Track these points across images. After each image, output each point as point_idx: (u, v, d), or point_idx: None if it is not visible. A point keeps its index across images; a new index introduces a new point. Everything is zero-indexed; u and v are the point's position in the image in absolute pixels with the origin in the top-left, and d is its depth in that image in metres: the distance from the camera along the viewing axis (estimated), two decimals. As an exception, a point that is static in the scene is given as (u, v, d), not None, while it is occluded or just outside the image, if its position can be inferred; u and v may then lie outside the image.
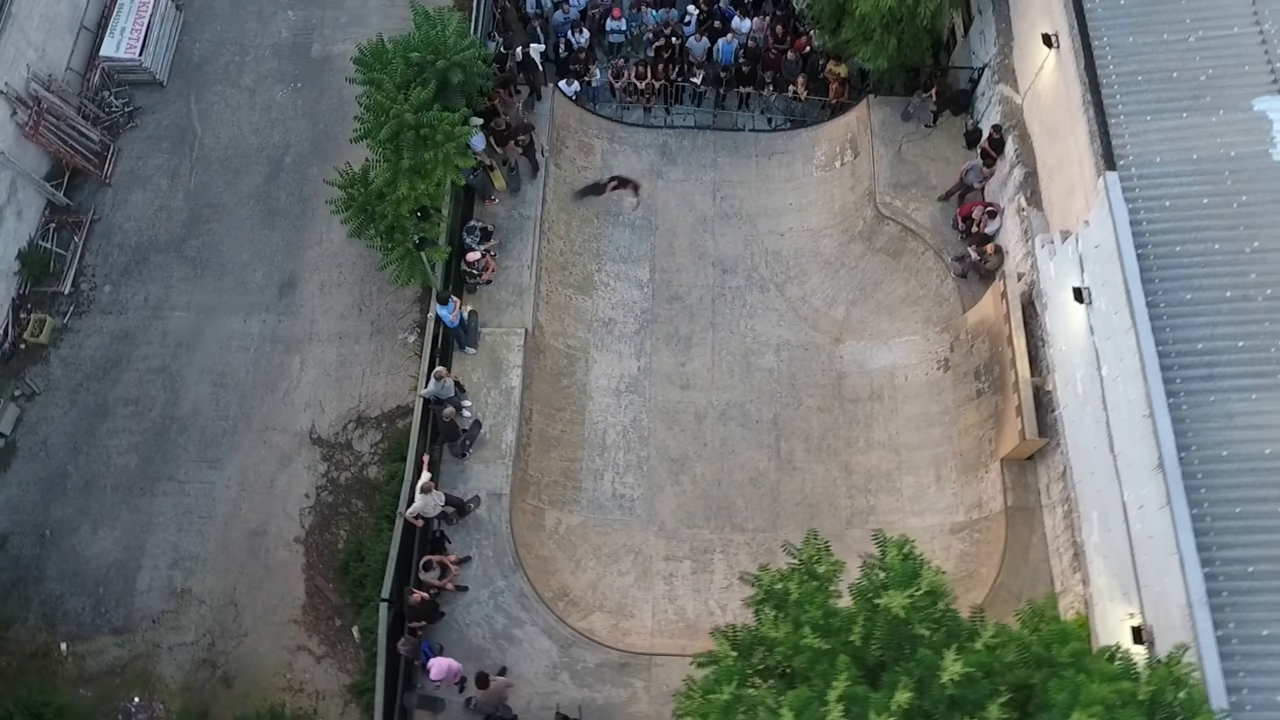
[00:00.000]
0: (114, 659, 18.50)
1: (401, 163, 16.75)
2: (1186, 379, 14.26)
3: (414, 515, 16.34)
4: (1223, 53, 15.99)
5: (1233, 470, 13.75)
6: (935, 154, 20.68)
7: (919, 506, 18.83)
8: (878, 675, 11.40)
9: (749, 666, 12.16)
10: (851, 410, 19.87)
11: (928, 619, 11.56)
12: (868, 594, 11.56)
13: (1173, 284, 14.76)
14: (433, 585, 16.56)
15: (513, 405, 18.32)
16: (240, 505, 19.45)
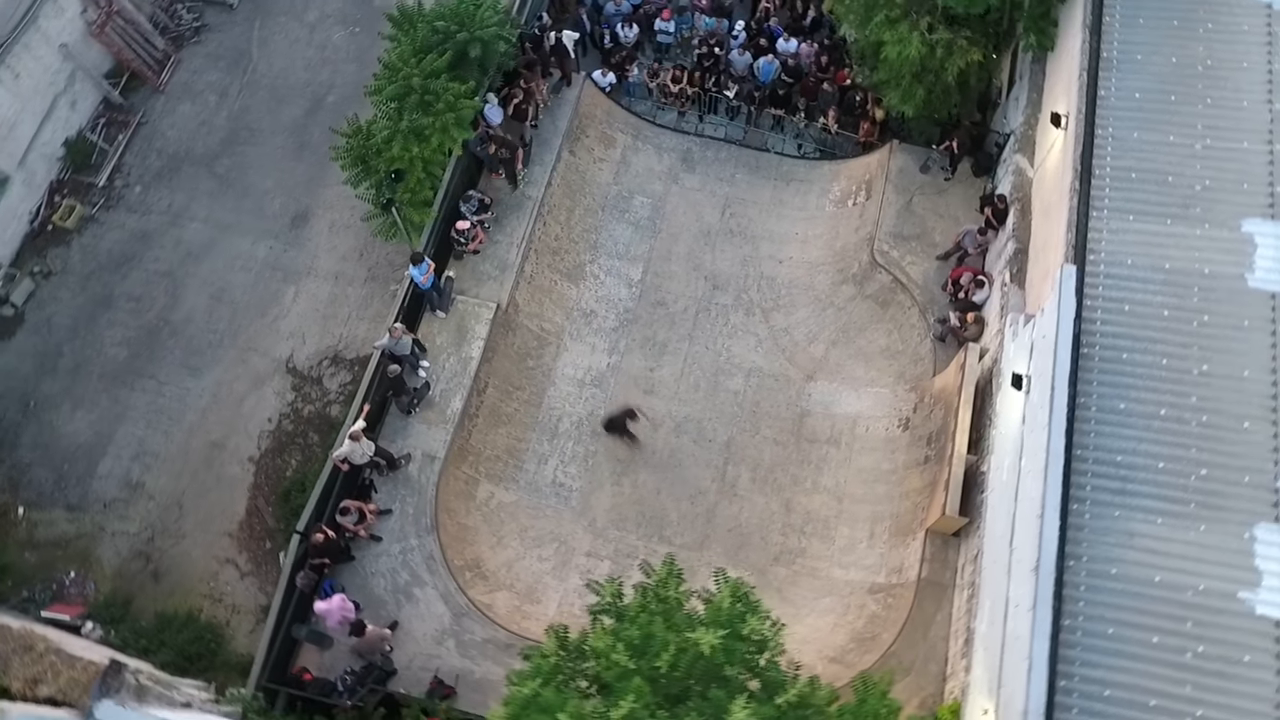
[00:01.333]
0: (62, 533, 20.19)
1: (401, 123, 17.73)
2: (1097, 488, 14.29)
3: (340, 459, 17.40)
4: (1225, 166, 15.77)
5: (1117, 590, 13.76)
6: (946, 212, 20.73)
7: (846, 559, 19.09)
8: (679, 704, 11.97)
9: (576, 670, 12.83)
10: (807, 450, 20.19)
11: (742, 663, 12.07)
12: (684, 627, 12.09)
13: (1110, 390, 14.74)
14: (347, 529, 17.63)
15: (467, 375, 19.24)
16: (208, 416, 20.91)
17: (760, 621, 12.36)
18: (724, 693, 11.48)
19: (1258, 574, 13.54)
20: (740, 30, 22.47)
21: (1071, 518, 14.19)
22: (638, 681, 11.56)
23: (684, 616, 12.41)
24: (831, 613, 18.71)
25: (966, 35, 19.18)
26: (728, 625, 12.01)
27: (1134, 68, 16.88)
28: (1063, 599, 13.75)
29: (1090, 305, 15.27)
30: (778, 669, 12.55)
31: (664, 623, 12.45)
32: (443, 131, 17.83)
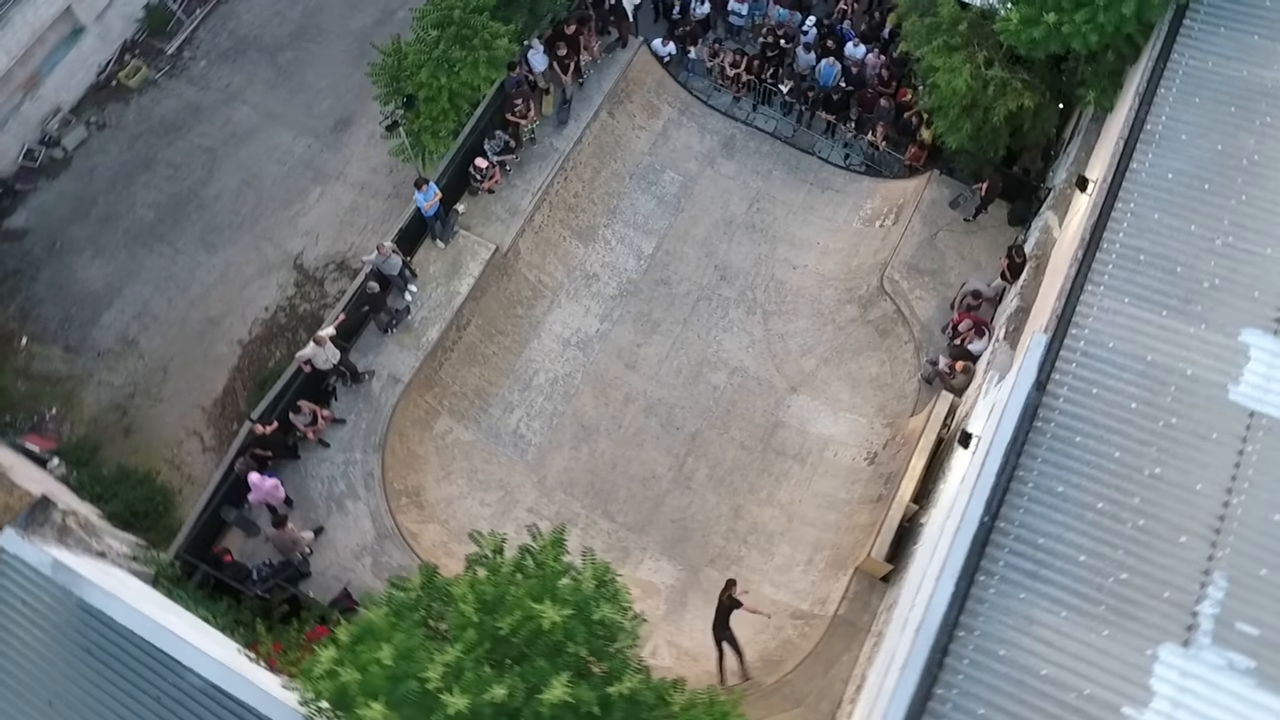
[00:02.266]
0: (55, 370, 21.24)
1: (435, 51, 17.92)
2: (1011, 565, 13.81)
3: (304, 359, 17.89)
4: (1241, 269, 14.90)
5: (1000, 672, 13.33)
6: (969, 254, 20.08)
7: (779, 578, 18.90)
8: (510, 668, 12.06)
9: (432, 612, 13.00)
10: (771, 461, 19.96)
11: (587, 644, 12.04)
12: (538, 596, 12.12)
13: (1053, 470, 14.19)
14: (298, 428, 18.15)
15: (450, 308, 19.50)
16: (211, 292, 21.66)
17: (615, 610, 12.32)
18: (550, 666, 11.50)
19: (1149, 694, 12.96)
20: (810, 27, 21.98)
21: (975, 588, 13.75)
22: (471, 634, 11.68)
23: (541, 586, 12.44)
24: (750, 628, 18.53)
25: (1024, 78, 18.44)
26: (579, 607, 12.00)
27: (1175, 146, 16.00)
28: (942, 666, 13.44)
29: (1058, 380, 14.68)
30: (624, 660, 12.53)
31: (528, 588, 12.51)
32: (473, 67, 17.97)
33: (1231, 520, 13.60)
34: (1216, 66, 16.56)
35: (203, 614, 16.39)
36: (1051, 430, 14.43)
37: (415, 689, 11.29)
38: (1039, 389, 14.65)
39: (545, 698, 11.13)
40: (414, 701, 11.33)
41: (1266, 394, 14.14)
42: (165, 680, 13.73)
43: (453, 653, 11.38)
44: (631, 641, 12.63)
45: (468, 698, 11.00)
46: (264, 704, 13.42)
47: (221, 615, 16.90)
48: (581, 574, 12.54)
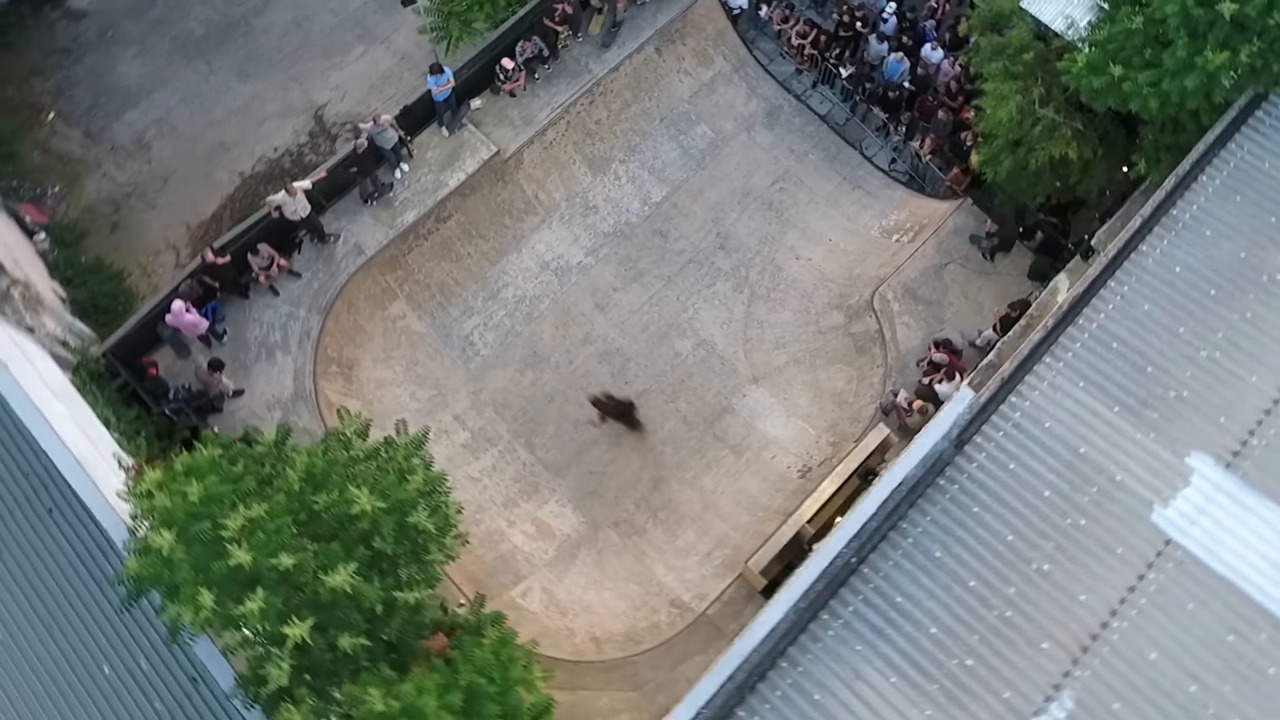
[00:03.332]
0: (70, 151, 21.66)
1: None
2: (859, 614, 13.05)
3: (273, 205, 17.77)
4: (1217, 389, 13.51)
5: (808, 716, 12.65)
6: (974, 296, 18.80)
7: (674, 562, 18.31)
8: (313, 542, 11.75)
9: (270, 471, 12.77)
10: (708, 444, 19.21)
11: (395, 542, 11.62)
12: (359, 482, 11.73)
13: (938, 532, 13.25)
14: (253, 268, 18.13)
15: (433, 197, 19.13)
16: (231, 119, 21.72)
17: (435, 521, 11.91)
18: (343, 551, 11.18)
19: (945, 791, 12.13)
20: (891, 15, 20.57)
21: (815, 624, 13.08)
22: (281, 499, 11.45)
23: (372, 476, 12.07)
24: (628, 601, 18.09)
25: (1077, 127, 16.94)
26: (396, 505, 11.62)
27: (1195, 240, 14.54)
28: (753, 690, 12.81)
29: (978, 443, 13.65)
30: (432, 572, 12.18)
31: (357, 474, 12.19)
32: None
33: (1104, 643, 12.54)
34: (1274, 170, 14.94)
35: (105, 414, 16.56)
36: (953, 492, 13.45)
37: (208, 531, 11.16)
38: (956, 446, 13.66)
39: (328, 580, 10.87)
40: (204, 543, 11.21)
41: (1192, 526, 12.89)
42: (21, 455, 13.98)
43: (257, 510, 11.16)
44: (443, 557, 12.28)
45: (253, 555, 10.78)
46: (99, 507, 13.56)
47: (124, 422, 17.11)
48: (412, 475, 12.12)
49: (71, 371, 17.03)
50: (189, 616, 10.94)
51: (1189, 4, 14.48)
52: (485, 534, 18.53)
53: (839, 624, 13.07)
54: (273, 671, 10.79)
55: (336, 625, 10.98)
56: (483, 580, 17.87)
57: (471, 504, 18.73)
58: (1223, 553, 12.67)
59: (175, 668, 13.40)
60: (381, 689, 10.71)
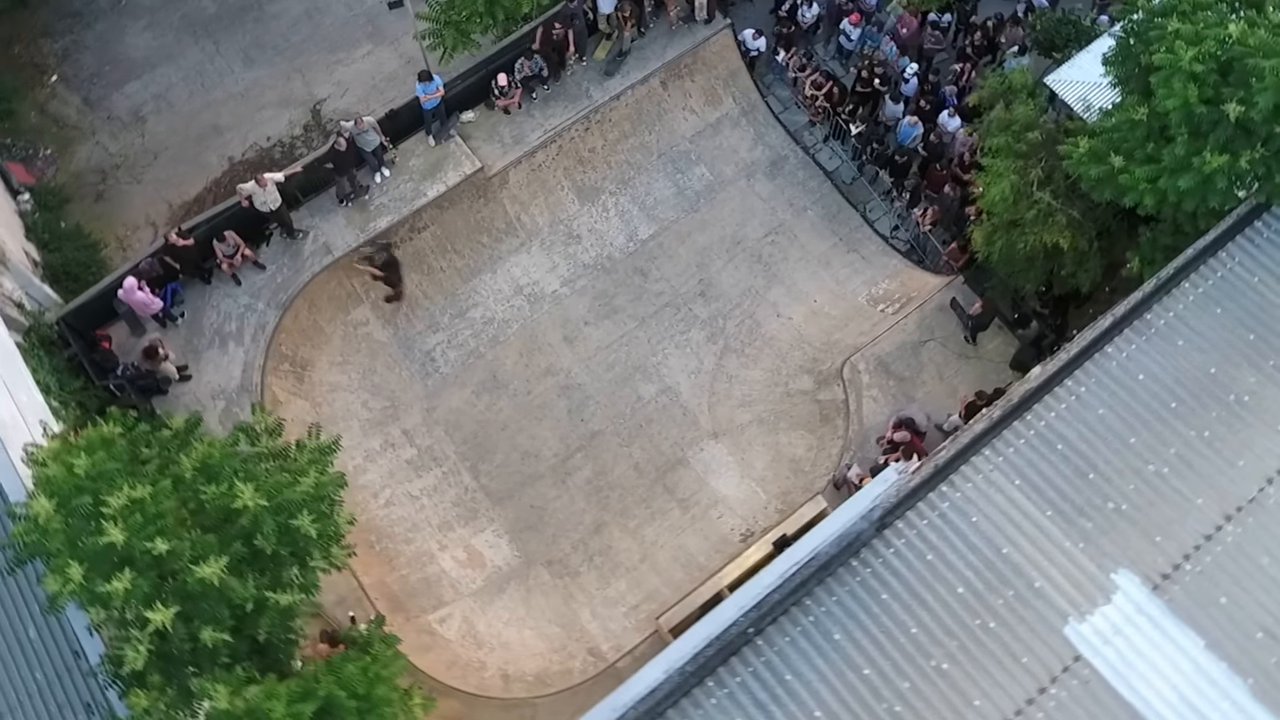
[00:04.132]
0: (67, 116, 23.00)
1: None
2: (745, 686, 13.33)
3: (244, 194, 18.71)
4: (1159, 506, 13.69)
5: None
6: (950, 378, 19.10)
7: (600, 610, 18.75)
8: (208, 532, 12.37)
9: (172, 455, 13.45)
10: (656, 495, 19.65)
11: (276, 541, 12.14)
12: (250, 478, 12.28)
13: (841, 613, 13.55)
14: (218, 255, 19.06)
15: (410, 207, 19.97)
16: (229, 103, 22.90)
17: (320, 527, 12.45)
18: (217, 544, 11.77)
19: None
20: (913, 76, 21.08)
21: (699, 690, 13.40)
22: (167, 484, 12.11)
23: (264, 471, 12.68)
24: (547, 642, 18.55)
25: (1073, 215, 17.29)
26: (282, 506, 12.20)
27: (1165, 348, 14.76)
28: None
29: (900, 528, 13.96)
30: (311, 578, 12.73)
31: (251, 470, 12.79)
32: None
33: (992, 755, 12.70)
34: (1262, 285, 15.14)
35: (47, 380, 17.48)
36: (864, 575, 13.77)
37: (88, 506, 11.85)
38: (877, 528, 13.97)
39: (197, 571, 11.46)
40: (82, 517, 11.91)
41: (1105, 645, 13.07)
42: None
43: (142, 492, 11.83)
44: (325, 565, 12.84)
45: (127, 536, 11.41)
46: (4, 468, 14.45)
47: (67, 391, 18.01)
48: (304, 478, 12.67)
49: (22, 334, 18.00)
50: (55, 587, 11.62)
51: (1192, 100, 14.80)
52: (415, 554, 19.12)
53: (723, 693, 13.38)
54: (130, 654, 11.42)
55: (202, 617, 11.58)
56: (402, 600, 18.44)
57: (406, 521, 19.41)
58: (1132, 677, 12.80)
59: (61, 639, 14.15)
60: (229, 687, 11.25)
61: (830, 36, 22.66)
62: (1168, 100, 15.03)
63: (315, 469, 12.71)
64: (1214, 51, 14.84)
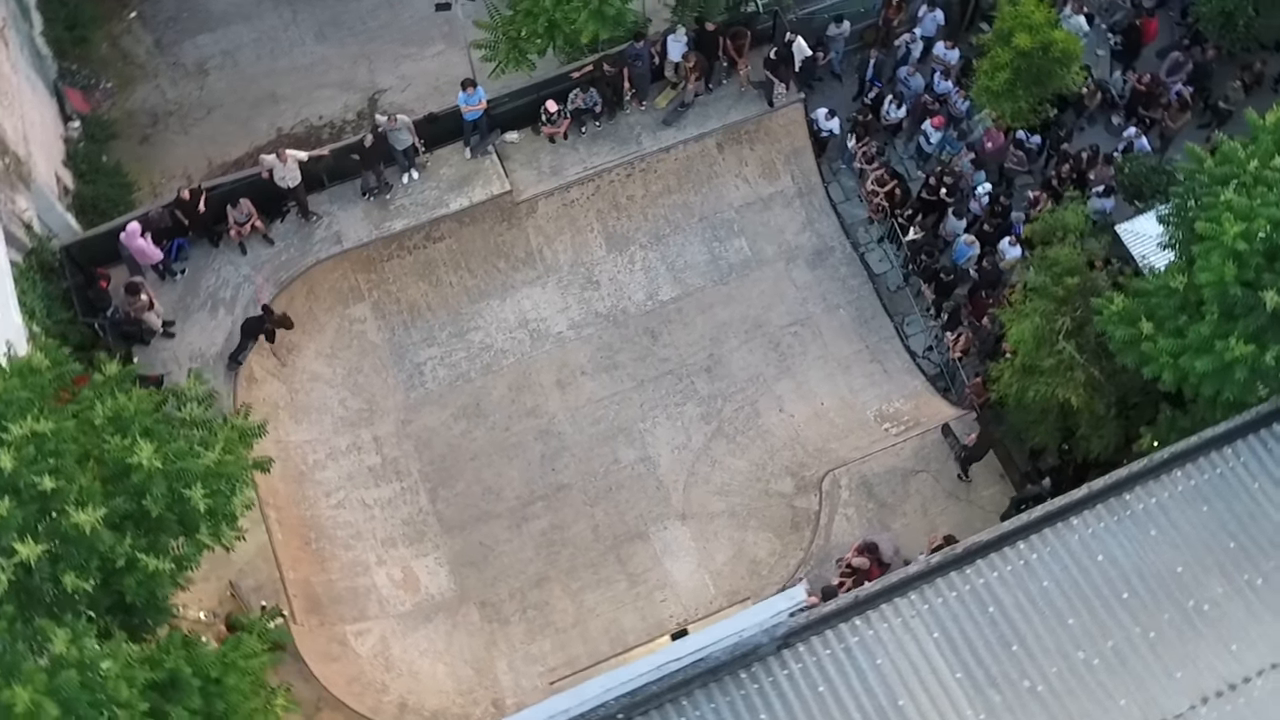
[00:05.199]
0: (135, 54, 25.42)
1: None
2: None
3: (265, 166, 20.37)
4: (1078, 700, 14.01)
5: None
6: (934, 515, 19.62)
7: (518, 664, 19.79)
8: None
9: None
10: (608, 562, 20.53)
11: (166, 509, 13.34)
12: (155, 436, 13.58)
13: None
14: (229, 220, 20.73)
15: (429, 214, 21.45)
16: (292, 74, 25.15)
17: (214, 503, 13.61)
18: (100, 493, 13.03)
19: None
20: (984, 195, 21.72)
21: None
22: (71, 425, 13.47)
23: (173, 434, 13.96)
24: (457, 683, 19.54)
25: (1094, 374, 17.70)
26: (179, 473, 13.43)
27: (1135, 535, 15.07)
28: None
29: (800, 651, 14.51)
30: (192, 551, 13.93)
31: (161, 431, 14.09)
32: (579, 10, 19.46)
33: None
34: (1261, 492, 15.36)
35: (33, 304, 19.25)
36: (750, 690, 14.41)
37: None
38: (778, 646, 14.57)
39: (74, 515, 12.74)
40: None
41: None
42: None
43: (46, 426, 13.17)
44: (210, 541, 13.99)
45: (16, 465, 12.72)
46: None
47: (52, 319, 19.74)
48: (208, 451, 13.87)
49: (23, 254, 19.85)
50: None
51: (1229, 278, 15.11)
52: (351, 561, 20.31)
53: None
54: None
55: (69, 561, 12.83)
56: (324, 603, 19.62)
57: (351, 527, 20.64)
58: None
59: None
60: (68, 635, 12.41)
61: (912, 135, 23.46)
62: (1203, 274, 15.45)
63: (225, 447, 13.91)
64: (1266, 233, 15.22)
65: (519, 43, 20.73)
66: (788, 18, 22.25)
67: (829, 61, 23.54)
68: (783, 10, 22.19)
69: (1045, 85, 20.80)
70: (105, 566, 12.99)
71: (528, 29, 20.42)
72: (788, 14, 22.24)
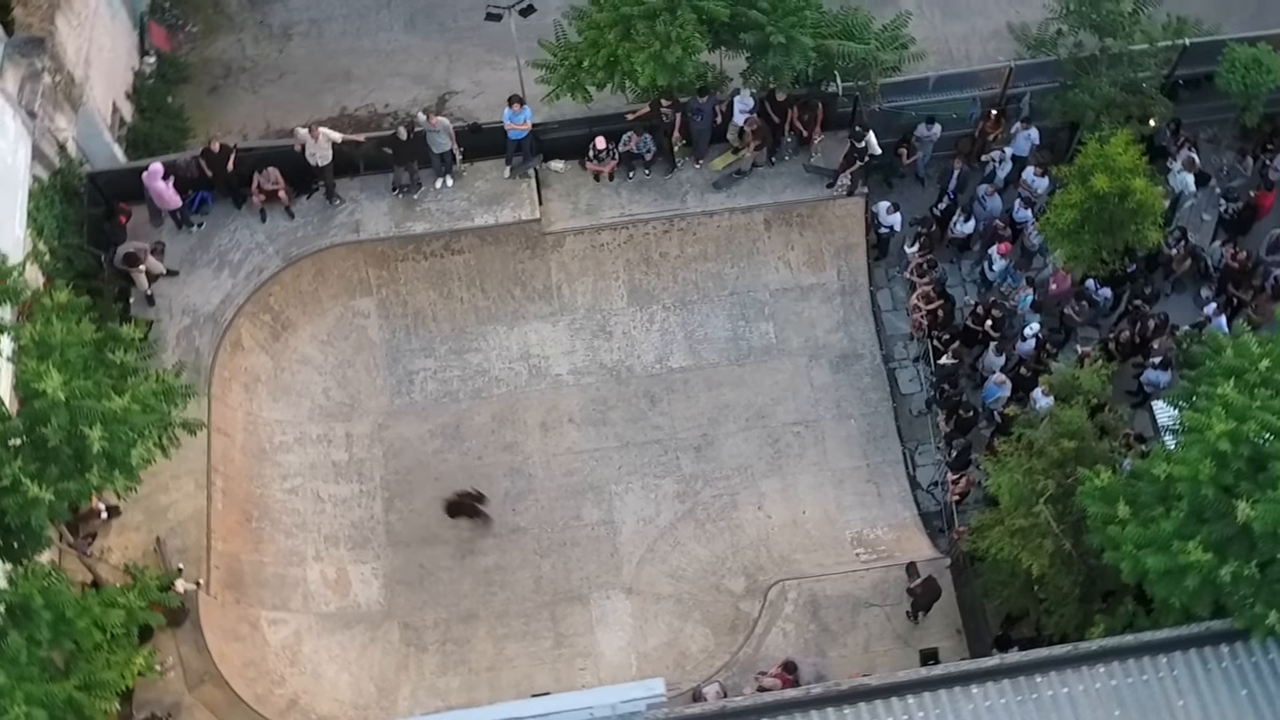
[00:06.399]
0: (227, 2, 28.19)
1: (623, 8, 21.44)
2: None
3: (299, 140, 22.67)
4: None
5: None
6: (878, 655, 20.48)
7: (420, 695, 21.57)
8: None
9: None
10: (540, 618, 22.07)
11: (66, 440, 15.34)
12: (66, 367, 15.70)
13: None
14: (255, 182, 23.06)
15: (452, 224, 23.53)
16: (370, 57, 27.89)
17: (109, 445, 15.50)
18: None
19: None
20: (1031, 337, 22.51)
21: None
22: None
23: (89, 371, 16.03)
24: (357, 696, 21.60)
25: (1066, 546, 18.42)
26: (80, 410, 15.44)
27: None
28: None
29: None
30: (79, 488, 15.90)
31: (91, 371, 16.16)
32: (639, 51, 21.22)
33: None
34: (1185, 712, 15.91)
35: (44, 221, 21.82)
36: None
37: None
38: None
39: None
40: None
41: None
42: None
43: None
44: (99, 481, 15.92)
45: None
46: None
47: (59, 239, 22.25)
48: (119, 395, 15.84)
49: (50, 174, 22.45)
50: None
51: (1203, 476, 15.81)
52: (288, 550, 22.25)
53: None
54: None
55: None
56: (246, 584, 21.60)
57: (298, 516, 22.62)
58: None
59: None
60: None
61: (980, 259, 24.41)
62: (1179, 467, 16.18)
63: (136, 397, 15.85)
64: (1255, 436, 15.85)
65: (577, 72, 22.53)
66: (870, 107, 23.57)
67: (914, 162, 24.82)
68: (865, 98, 23.49)
69: (1115, 235, 21.62)
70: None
71: (589, 60, 22.22)
72: (871, 103, 23.55)
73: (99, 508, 20.83)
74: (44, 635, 15.07)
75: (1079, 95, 23.07)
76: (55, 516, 15.85)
